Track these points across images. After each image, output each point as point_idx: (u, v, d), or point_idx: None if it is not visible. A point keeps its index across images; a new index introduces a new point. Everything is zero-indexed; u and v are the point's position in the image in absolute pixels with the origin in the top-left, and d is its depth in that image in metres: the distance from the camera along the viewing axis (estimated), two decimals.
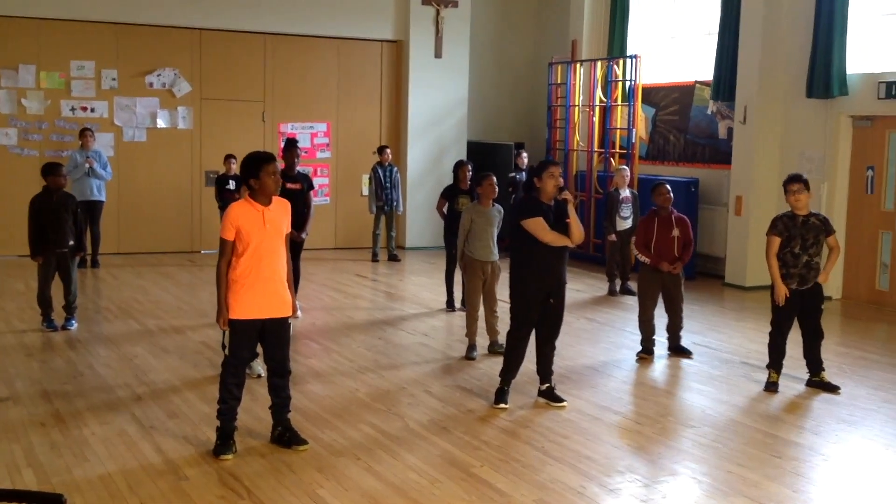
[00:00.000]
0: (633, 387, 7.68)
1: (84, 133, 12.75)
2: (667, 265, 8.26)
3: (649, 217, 8.43)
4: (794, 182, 7.39)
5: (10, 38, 13.36)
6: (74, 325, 9.18)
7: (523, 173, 13.50)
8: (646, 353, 8.43)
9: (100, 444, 5.95)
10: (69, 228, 9.04)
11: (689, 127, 13.81)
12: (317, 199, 10.09)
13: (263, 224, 5.72)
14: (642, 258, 8.32)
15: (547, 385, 7.05)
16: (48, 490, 5.08)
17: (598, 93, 14.58)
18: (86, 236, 12.21)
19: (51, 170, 9.04)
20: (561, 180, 6.77)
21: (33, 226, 9.00)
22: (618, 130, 14.34)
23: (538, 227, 6.69)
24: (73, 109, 13.80)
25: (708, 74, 13.13)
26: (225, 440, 5.79)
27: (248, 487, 5.30)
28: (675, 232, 8.33)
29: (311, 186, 9.70)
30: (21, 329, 9.14)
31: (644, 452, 6.16)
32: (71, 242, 9.07)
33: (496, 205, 8.53)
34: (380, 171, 13.88)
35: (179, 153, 14.45)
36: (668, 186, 8.45)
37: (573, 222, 6.76)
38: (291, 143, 9.66)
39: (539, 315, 6.85)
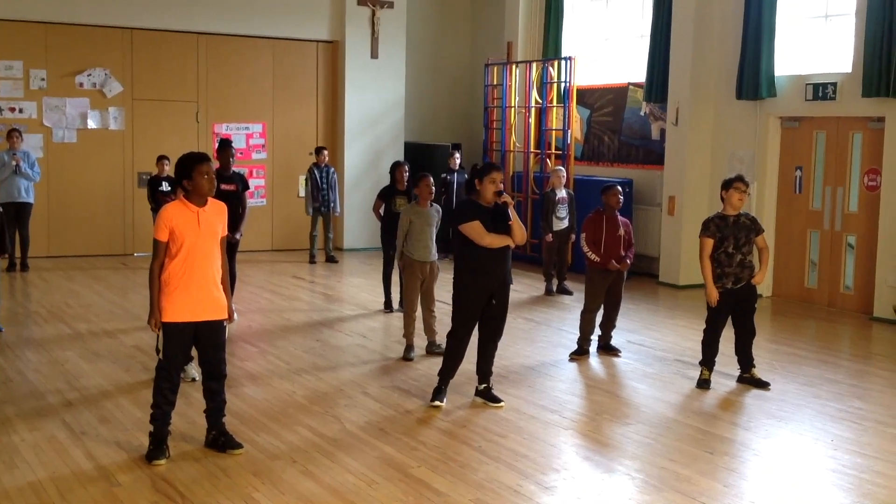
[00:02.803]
0: (570, 385, 7.75)
1: (11, 134, 12.48)
2: (615, 264, 8.36)
3: (596, 216, 8.50)
4: (742, 182, 7.53)
5: None
6: (1, 329, 8.96)
7: (455, 174, 13.55)
8: (579, 354, 8.51)
9: (30, 451, 5.83)
10: None
11: (622, 128, 13.98)
12: (253, 201, 10.03)
13: (198, 225, 5.65)
14: (592, 256, 8.39)
15: (484, 385, 7.07)
16: None
17: (534, 94, 14.69)
18: (13, 239, 12.00)
19: None
20: (500, 185, 6.82)
21: None
22: (553, 131, 14.45)
23: (476, 231, 6.72)
24: (0, 110, 13.48)
25: (641, 76, 13.31)
26: (158, 445, 5.71)
27: (182, 493, 5.24)
28: (621, 231, 8.44)
29: (246, 187, 9.62)
30: None
31: (580, 450, 6.23)
32: None
33: (434, 205, 8.57)
34: (316, 172, 13.81)
35: (111, 154, 14.20)
36: (620, 188, 8.57)
37: (515, 224, 6.82)
38: (226, 144, 9.57)
39: (482, 316, 6.88)
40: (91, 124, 14.05)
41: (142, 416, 6.31)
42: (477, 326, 6.98)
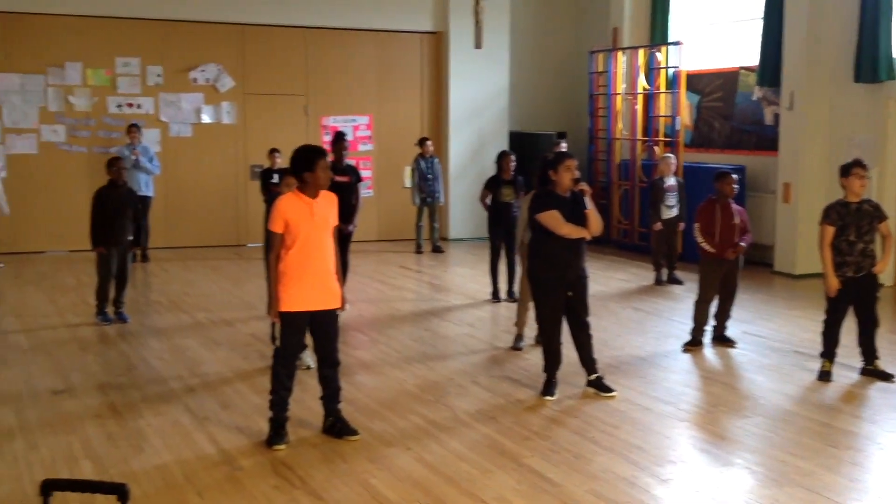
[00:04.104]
0: (683, 376, 7.62)
1: (131, 128, 12.92)
2: (732, 252, 8.19)
3: (709, 204, 8.31)
4: (861, 167, 7.29)
5: (57, 37, 13.54)
6: (128, 318, 9.30)
7: None
8: (694, 345, 8.35)
9: (155, 435, 6.04)
10: (129, 222, 9.23)
11: (734, 113, 13.66)
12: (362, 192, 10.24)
13: (312, 216, 5.75)
14: (707, 246, 8.23)
15: (595, 375, 7.01)
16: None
17: (641, 80, 14.47)
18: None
19: (111, 162, 9.29)
20: (577, 172, 6.74)
21: (97, 217, 9.15)
22: (661, 118, 14.22)
23: (554, 220, 6.66)
24: (119, 106, 13.97)
25: (752, 60, 12.97)
26: (278, 430, 5.85)
27: (302, 477, 5.35)
28: (737, 220, 8.25)
29: (359, 178, 9.77)
30: (75, 323, 9.29)
31: (696, 442, 6.12)
32: (130, 237, 9.26)
33: None
34: (422, 162, 13.89)
35: (224, 148, 14.58)
36: (735, 176, 8.37)
37: (591, 213, 6.74)
38: (340, 136, 9.74)
39: (564, 309, 6.83)
40: (205, 119, 14.44)
41: (260, 401, 6.47)
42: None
